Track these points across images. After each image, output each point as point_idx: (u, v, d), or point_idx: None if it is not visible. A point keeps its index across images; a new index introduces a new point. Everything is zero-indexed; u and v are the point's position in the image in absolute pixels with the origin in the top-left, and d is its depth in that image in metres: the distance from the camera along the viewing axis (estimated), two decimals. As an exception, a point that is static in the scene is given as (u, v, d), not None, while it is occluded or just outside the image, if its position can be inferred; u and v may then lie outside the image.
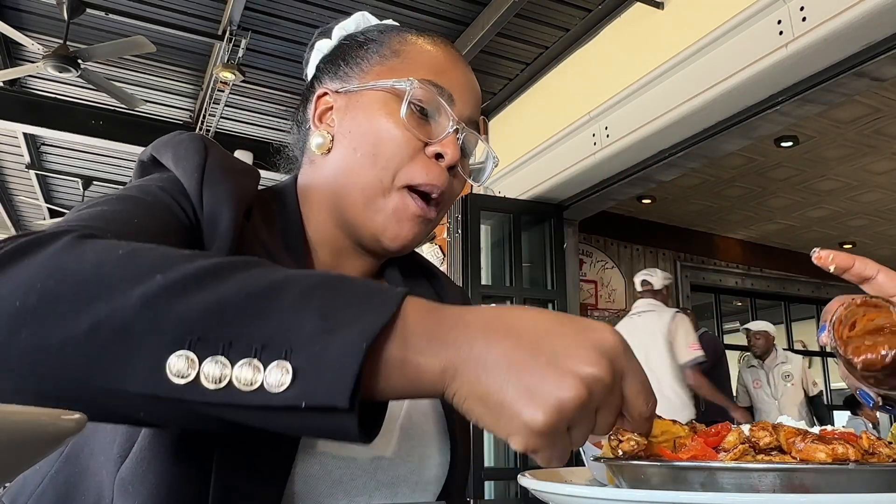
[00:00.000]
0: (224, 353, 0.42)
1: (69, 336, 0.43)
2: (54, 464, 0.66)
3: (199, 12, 3.98)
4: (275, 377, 0.42)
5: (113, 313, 0.43)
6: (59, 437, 0.30)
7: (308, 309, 0.44)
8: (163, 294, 0.44)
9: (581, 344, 0.45)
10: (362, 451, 0.70)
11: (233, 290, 0.44)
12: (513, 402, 0.43)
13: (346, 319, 0.43)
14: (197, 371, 0.42)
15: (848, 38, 2.70)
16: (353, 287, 0.47)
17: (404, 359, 0.45)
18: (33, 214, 7.66)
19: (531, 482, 0.54)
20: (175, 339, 0.42)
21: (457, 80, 0.81)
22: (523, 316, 0.47)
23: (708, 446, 0.52)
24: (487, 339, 0.45)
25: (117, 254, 0.47)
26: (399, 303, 0.45)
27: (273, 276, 0.46)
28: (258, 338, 0.43)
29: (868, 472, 0.46)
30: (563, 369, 0.44)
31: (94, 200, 0.63)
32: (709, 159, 3.94)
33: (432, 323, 0.46)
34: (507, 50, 4.29)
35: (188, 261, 0.46)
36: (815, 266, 0.75)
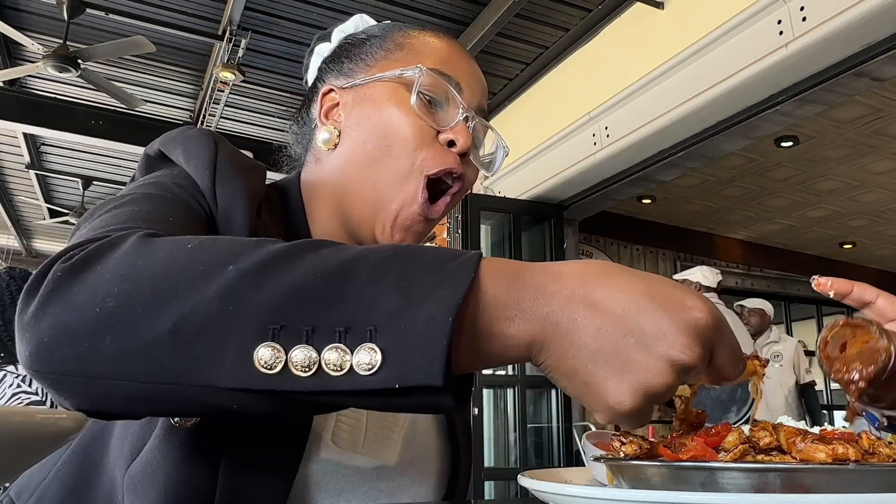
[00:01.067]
0: (309, 341, 0.42)
1: (153, 337, 0.43)
2: (60, 456, 0.66)
3: (199, 12, 3.99)
4: (363, 359, 0.41)
5: (193, 310, 0.43)
6: (59, 438, 0.30)
7: (384, 285, 0.43)
8: (238, 285, 0.43)
9: (674, 326, 0.43)
10: (366, 460, 0.71)
11: (307, 274, 0.44)
12: (600, 384, 0.43)
13: (424, 293, 0.42)
14: (285, 360, 0.42)
15: (848, 38, 2.70)
16: (425, 256, 0.45)
17: (489, 331, 0.44)
18: (33, 214, 7.66)
19: (531, 482, 0.54)
20: (258, 330, 0.42)
21: (463, 69, 0.81)
22: (610, 287, 0.44)
23: (708, 446, 0.52)
24: (574, 314, 0.44)
25: (186, 248, 0.47)
26: (475, 269, 0.44)
27: (343, 255, 0.45)
28: (340, 321, 0.42)
29: (868, 472, 0.46)
30: (655, 354, 0.42)
31: (117, 201, 0.62)
32: (709, 159, 3.95)
33: (514, 291, 0.44)
34: (507, 50, 4.29)
35: (257, 247, 0.46)
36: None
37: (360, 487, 0.70)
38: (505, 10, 3.67)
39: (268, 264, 0.44)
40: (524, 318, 0.44)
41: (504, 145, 0.87)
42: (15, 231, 8.06)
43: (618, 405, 0.43)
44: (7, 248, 8.76)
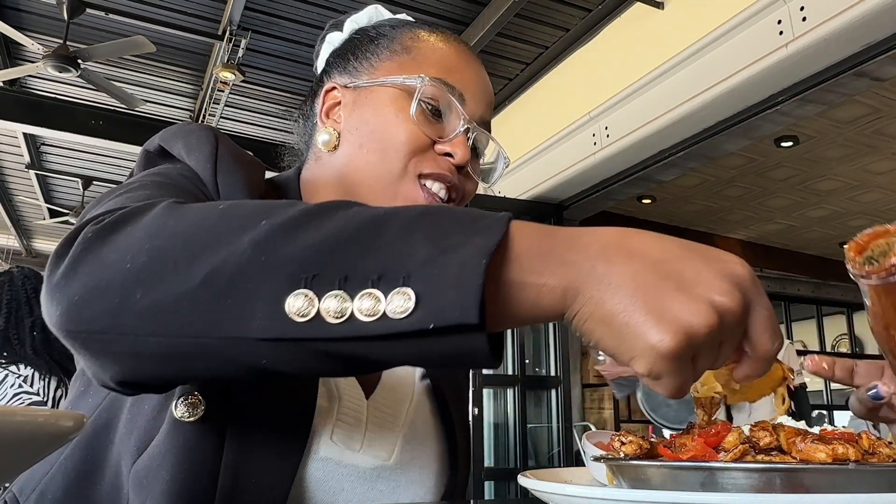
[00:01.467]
0: (341, 287, 0.42)
1: (184, 290, 0.43)
2: (63, 452, 0.66)
3: (199, 12, 3.99)
4: (397, 304, 0.41)
5: (225, 261, 0.43)
6: (60, 438, 0.30)
7: (416, 236, 0.43)
8: (271, 237, 0.44)
9: (712, 272, 0.42)
10: (365, 460, 0.71)
11: (338, 227, 0.44)
12: (640, 323, 0.41)
13: (456, 242, 0.42)
14: (317, 308, 0.41)
15: (848, 38, 2.70)
16: (457, 213, 0.45)
17: (522, 281, 0.43)
18: (33, 214, 7.66)
19: (531, 482, 0.54)
20: (290, 278, 0.42)
21: (469, 79, 0.80)
22: (645, 239, 0.45)
23: (708, 446, 0.52)
24: (609, 260, 0.43)
25: (217, 209, 0.47)
26: (506, 224, 0.43)
27: (374, 212, 0.46)
28: (373, 269, 0.42)
29: (868, 472, 0.46)
30: (694, 295, 0.41)
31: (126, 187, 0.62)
32: (709, 159, 3.95)
33: (546, 243, 0.44)
34: (507, 50, 4.29)
35: (288, 206, 0.46)
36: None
37: (359, 487, 0.70)
38: (505, 10, 3.67)
39: (300, 219, 0.45)
40: (558, 266, 0.43)
41: (505, 156, 0.86)
42: (15, 231, 8.06)
43: (660, 343, 0.41)
44: (7, 248, 8.76)
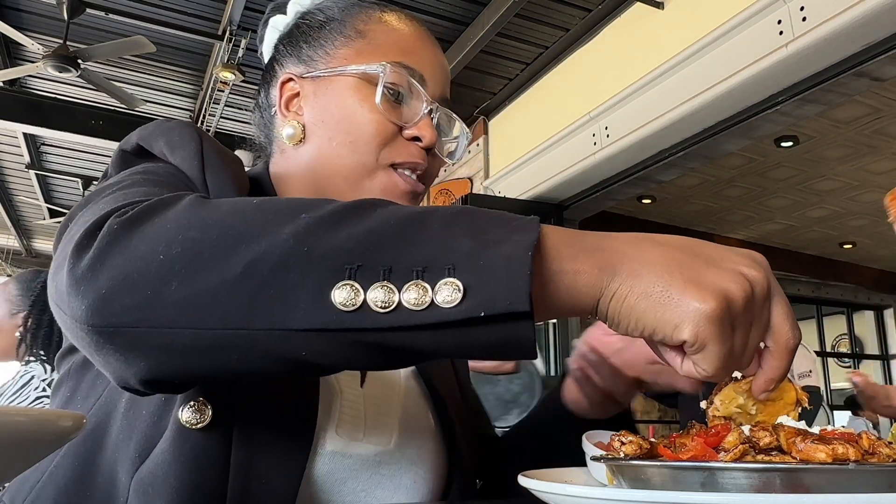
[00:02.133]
0: (386, 278, 0.42)
1: (223, 280, 0.42)
2: (54, 459, 0.65)
3: (199, 12, 3.99)
4: (445, 294, 0.41)
5: (266, 252, 0.42)
6: (59, 438, 0.30)
7: (457, 231, 0.44)
8: (313, 229, 0.43)
9: (735, 253, 0.47)
10: (367, 447, 0.71)
11: (379, 221, 0.44)
12: (681, 290, 0.43)
13: (497, 238, 0.43)
14: (363, 298, 0.41)
15: (848, 38, 2.70)
16: (490, 213, 0.47)
17: (560, 269, 0.45)
18: (33, 214, 7.66)
19: (531, 482, 0.54)
20: (335, 269, 0.42)
21: (427, 58, 0.80)
22: (666, 236, 0.48)
23: (708, 446, 0.52)
24: (639, 245, 0.46)
25: (252, 203, 0.47)
26: (538, 223, 0.45)
27: (412, 209, 0.46)
28: (418, 261, 0.42)
29: (868, 472, 0.46)
30: (725, 268, 0.45)
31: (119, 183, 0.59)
32: (709, 159, 3.95)
33: (577, 237, 0.47)
34: (507, 50, 4.29)
35: (325, 202, 0.46)
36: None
37: (363, 474, 0.70)
38: (505, 10, 3.67)
39: (340, 214, 0.45)
40: (591, 252, 0.46)
41: (466, 130, 0.86)
42: (15, 231, 8.06)
43: (703, 306, 0.43)
44: (7, 248, 8.76)
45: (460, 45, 4.11)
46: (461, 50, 4.08)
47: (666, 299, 0.44)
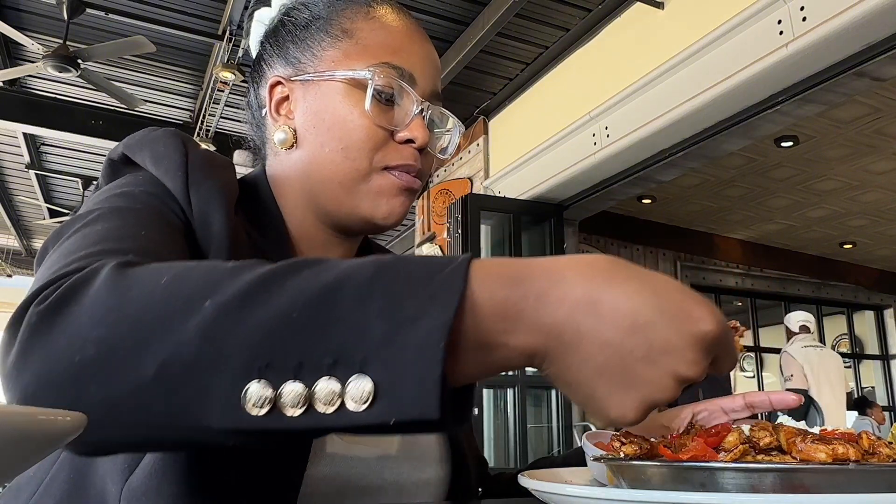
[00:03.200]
0: (297, 377, 0.40)
1: (139, 382, 0.42)
2: (49, 471, 0.65)
3: (199, 12, 3.99)
4: (355, 393, 0.39)
5: (175, 352, 0.42)
6: (60, 438, 0.30)
7: (370, 309, 0.41)
8: (217, 322, 0.42)
9: (682, 341, 0.42)
10: (368, 450, 0.71)
11: (287, 303, 0.42)
12: (604, 398, 0.42)
13: (412, 314, 0.40)
14: (274, 399, 0.40)
15: (848, 38, 2.70)
16: (411, 269, 0.43)
17: (488, 343, 0.42)
18: (33, 214, 7.66)
19: (531, 482, 0.54)
20: (244, 368, 0.41)
21: (416, 55, 0.78)
22: (618, 294, 0.42)
23: (708, 446, 0.52)
24: (579, 326, 0.42)
25: (161, 283, 0.45)
26: (465, 279, 0.41)
27: (325, 278, 0.43)
28: (327, 352, 0.40)
29: (868, 472, 0.46)
30: (661, 370, 0.42)
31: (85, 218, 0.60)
32: (709, 159, 3.94)
33: (513, 299, 0.42)
34: (507, 50, 4.29)
35: (233, 277, 0.44)
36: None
37: (366, 478, 0.69)
38: (505, 10, 3.67)
39: (246, 296, 0.42)
40: (526, 329, 0.42)
41: (459, 124, 0.84)
42: (15, 231, 8.05)
43: (621, 418, 0.43)
44: (7, 248, 8.76)
45: (460, 45, 4.11)
46: (461, 50, 4.08)
47: (588, 400, 0.43)
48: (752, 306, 7.61)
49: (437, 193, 5.31)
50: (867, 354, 8.54)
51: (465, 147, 5.17)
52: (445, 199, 5.13)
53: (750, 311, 7.60)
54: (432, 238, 5.20)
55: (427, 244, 5.19)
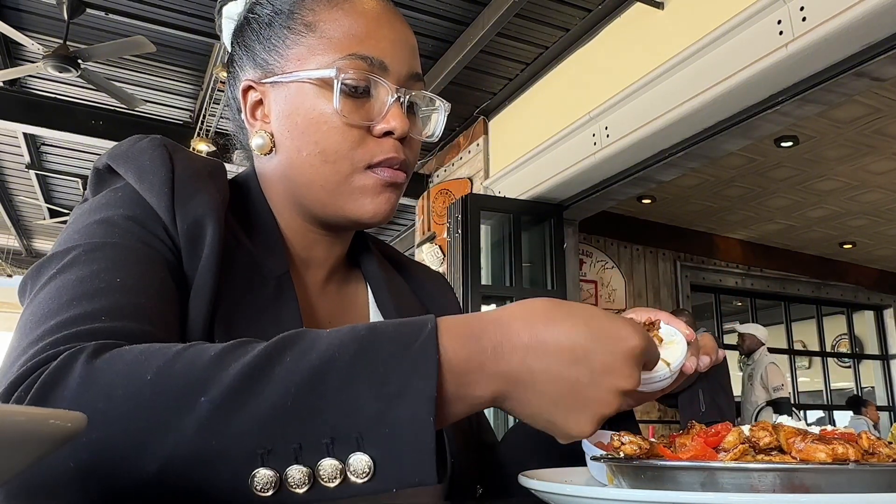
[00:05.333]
0: (299, 459, 0.43)
1: (142, 481, 0.42)
2: None
3: (199, 12, 3.98)
4: (356, 468, 0.43)
5: (176, 449, 0.42)
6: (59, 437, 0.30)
7: (358, 388, 0.44)
8: (215, 417, 0.43)
9: (617, 360, 0.50)
10: None
11: (280, 393, 0.44)
12: (562, 422, 0.50)
13: (398, 389, 0.44)
14: (280, 482, 0.43)
15: (848, 38, 2.70)
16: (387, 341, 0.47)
17: (458, 396, 0.48)
18: (33, 214, 7.66)
19: (531, 482, 0.54)
20: (247, 457, 0.43)
21: (384, 39, 0.73)
22: (557, 333, 0.49)
23: (708, 446, 0.52)
24: (531, 368, 0.49)
25: (146, 380, 0.44)
26: (437, 346, 0.46)
27: (309, 361, 0.45)
28: (325, 433, 0.43)
29: (868, 472, 0.46)
30: (605, 388, 0.50)
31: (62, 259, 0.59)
32: (709, 159, 3.95)
33: (475, 356, 0.48)
34: (507, 50, 4.29)
35: (220, 369, 0.44)
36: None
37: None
38: (505, 10, 3.67)
39: (238, 390, 0.44)
40: (487, 379, 0.48)
41: (443, 103, 0.80)
42: (15, 231, 8.05)
43: (581, 433, 0.51)
44: (7, 248, 8.76)
45: (460, 45, 4.11)
46: (461, 50, 4.08)
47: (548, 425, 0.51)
48: (752, 306, 7.61)
49: (437, 193, 5.31)
50: (867, 354, 8.54)
51: (465, 147, 5.17)
52: (445, 199, 5.13)
53: (750, 311, 7.60)
54: (432, 238, 5.20)
55: (427, 244, 5.19)
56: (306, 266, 0.80)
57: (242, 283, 0.68)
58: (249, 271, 0.70)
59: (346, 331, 0.48)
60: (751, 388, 5.85)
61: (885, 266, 8.22)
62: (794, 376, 8.06)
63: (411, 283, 0.91)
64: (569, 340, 0.49)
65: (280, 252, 0.75)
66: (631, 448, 0.53)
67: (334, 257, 0.82)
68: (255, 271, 0.71)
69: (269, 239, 0.75)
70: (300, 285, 0.77)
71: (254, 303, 0.68)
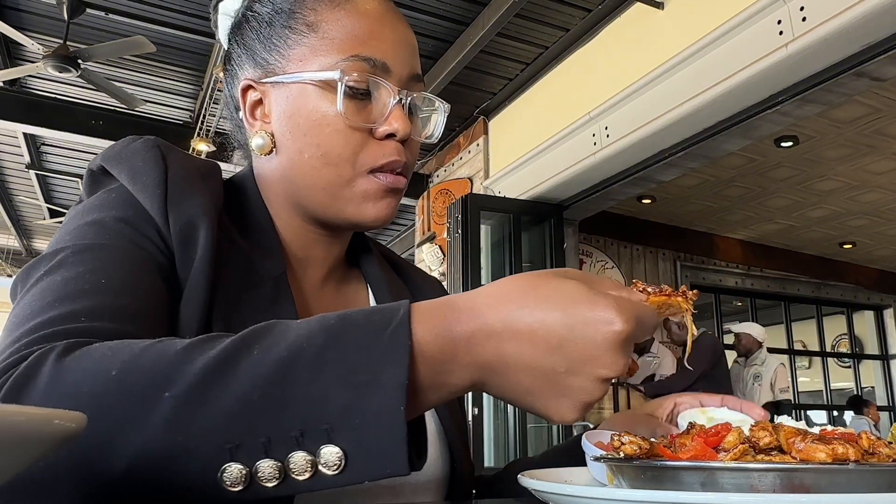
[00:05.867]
0: (268, 453, 0.42)
1: (112, 478, 0.42)
2: None
3: (199, 12, 3.98)
4: (328, 460, 0.42)
5: (144, 447, 0.42)
6: (59, 438, 0.30)
7: (327, 379, 0.43)
8: (181, 413, 0.42)
9: (598, 348, 0.46)
10: None
11: (246, 386, 0.43)
12: (541, 408, 0.48)
13: (368, 378, 0.43)
14: (250, 476, 0.42)
15: (848, 38, 2.70)
16: (358, 329, 0.45)
17: (433, 384, 0.46)
18: (33, 214, 7.66)
19: (531, 482, 0.54)
20: (215, 452, 0.42)
21: (387, 40, 0.73)
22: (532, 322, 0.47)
23: (708, 446, 0.52)
24: (505, 358, 0.47)
25: (111, 376, 0.44)
26: (409, 332, 0.45)
27: (277, 353, 0.44)
28: (294, 426, 0.42)
29: (868, 472, 0.46)
30: (586, 376, 0.47)
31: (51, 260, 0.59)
32: (709, 159, 3.95)
33: (448, 346, 0.46)
34: (507, 50, 4.29)
35: (185, 363, 0.44)
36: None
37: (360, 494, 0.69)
38: (505, 10, 3.67)
39: (203, 384, 0.43)
40: (462, 368, 0.47)
41: (443, 104, 0.79)
42: (15, 231, 8.05)
43: (563, 420, 0.48)
44: (7, 248, 8.76)
45: (460, 45, 4.11)
46: (461, 50, 4.08)
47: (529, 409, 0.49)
48: (752, 306, 7.62)
49: (437, 193, 5.31)
50: (867, 354, 8.54)
51: (465, 147, 5.17)
52: (445, 199, 5.13)
53: (750, 311, 7.60)
54: (432, 238, 5.20)
55: (427, 244, 5.19)
56: (304, 266, 0.80)
57: (238, 284, 0.68)
58: (245, 272, 0.70)
59: (316, 321, 0.47)
60: (758, 389, 5.82)
61: (885, 266, 8.22)
62: (794, 376, 8.05)
63: (409, 286, 0.91)
64: (542, 328, 0.46)
65: (276, 252, 0.75)
66: (631, 448, 0.53)
67: (333, 257, 0.82)
68: (251, 272, 0.71)
69: (265, 239, 0.75)
70: (297, 285, 0.77)
71: (250, 304, 0.68)
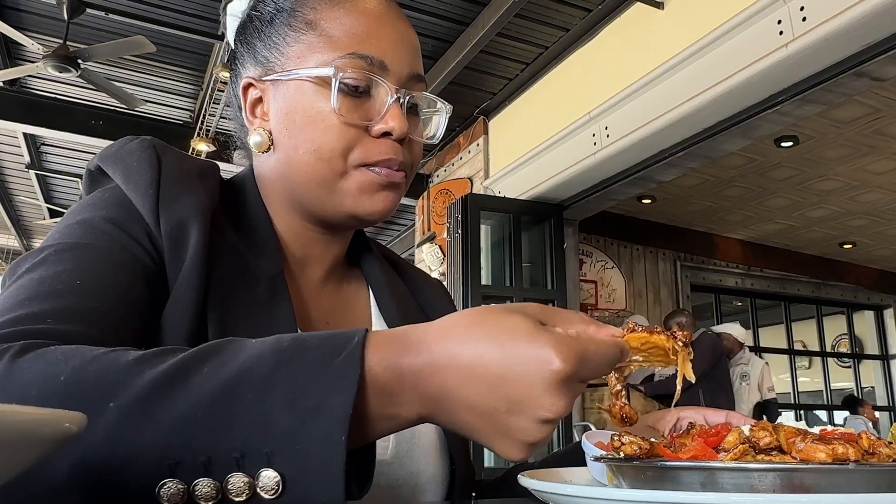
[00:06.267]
0: (208, 473, 0.41)
1: (52, 486, 0.42)
2: None
3: (199, 12, 3.98)
4: (266, 484, 0.42)
5: (85, 455, 0.41)
6: (59, 437, 0.30)
7: (272, 402, 0.43)
8: (124, 425, 0.42)
9: (536, 388, 0.44)
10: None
11: (192, 403, 0.42)
12: (489, 445, 0.47)
13: (314, 404, 0.42)
14: (187, 494, 0.41)
15: (848, 38, 2.70)
16: (311, 354, 0.45)
17: (381, 415, 0.45)
18: (33, 214, 7.66)
19: (531, 482, 0.54)
20: (155, 467, 0.41)
21: (386, 38, 0.73)
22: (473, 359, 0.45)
23: (708, 446, 0.52)
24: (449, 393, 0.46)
25: (60, 381, 0.44)
26: (360, 363, 0.44)
27: (226, 373, 0.44)
28: (234, 447, 0.42)
29: (868, 472, 0.46)
30: (526, 418, 0.45)
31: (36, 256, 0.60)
32: (709, 159, 3.94)
33: (396, 379, 0.45)
34: (507, 50, 4.29)
35: (135, 375, 0.44)
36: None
37: None
38: (505, 10, 3.67)
39: (149, 397, 0.43)
40: (409, 401, 0.46)
41: (445, 104, 0.79)
42: (15, 231, 8.05)
43: (511, 457, 0.47)
44: (7, 248, 8.76)
45: (460, 45, 4.11)
46: (461, 50, 4.08)
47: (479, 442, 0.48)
48: (752, 306, 7.62)
49: (437, 193, 5.31)
50: (867, 354, 8.54)
51: (465, 147, 5.17)
52: (445, 199, 5.13)
53: (750, 311, 7.60)
54: (432, 238, 5.20)
55: (427, 244, 5.19)
56: (303, 265, 0.79)
57: (233, 283, 0.68)
58: (240, 271, 0.70)
59: (270, 342, 0.46)
60: (746, 388, 5.84)
61: (885, 266, 8.22)
62: (794, 376, 8.06)
63: (410, 287, 0.91)
64: (481, 365, 0.45)
65: (273, 252, 0.74)
66: (631, 448, 0.53)
67: (332, 256, 0.82)
68: (246, 271, 0.70)
69: (261, 238, 0.75)
70: (296, 285, 0.77)
71: (245, 303, 0.68)
